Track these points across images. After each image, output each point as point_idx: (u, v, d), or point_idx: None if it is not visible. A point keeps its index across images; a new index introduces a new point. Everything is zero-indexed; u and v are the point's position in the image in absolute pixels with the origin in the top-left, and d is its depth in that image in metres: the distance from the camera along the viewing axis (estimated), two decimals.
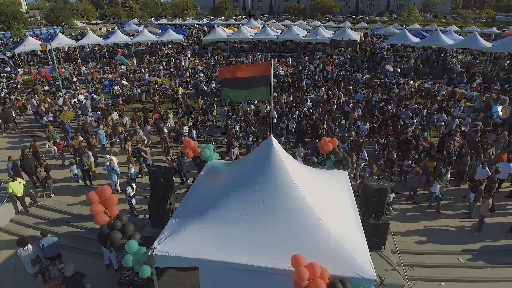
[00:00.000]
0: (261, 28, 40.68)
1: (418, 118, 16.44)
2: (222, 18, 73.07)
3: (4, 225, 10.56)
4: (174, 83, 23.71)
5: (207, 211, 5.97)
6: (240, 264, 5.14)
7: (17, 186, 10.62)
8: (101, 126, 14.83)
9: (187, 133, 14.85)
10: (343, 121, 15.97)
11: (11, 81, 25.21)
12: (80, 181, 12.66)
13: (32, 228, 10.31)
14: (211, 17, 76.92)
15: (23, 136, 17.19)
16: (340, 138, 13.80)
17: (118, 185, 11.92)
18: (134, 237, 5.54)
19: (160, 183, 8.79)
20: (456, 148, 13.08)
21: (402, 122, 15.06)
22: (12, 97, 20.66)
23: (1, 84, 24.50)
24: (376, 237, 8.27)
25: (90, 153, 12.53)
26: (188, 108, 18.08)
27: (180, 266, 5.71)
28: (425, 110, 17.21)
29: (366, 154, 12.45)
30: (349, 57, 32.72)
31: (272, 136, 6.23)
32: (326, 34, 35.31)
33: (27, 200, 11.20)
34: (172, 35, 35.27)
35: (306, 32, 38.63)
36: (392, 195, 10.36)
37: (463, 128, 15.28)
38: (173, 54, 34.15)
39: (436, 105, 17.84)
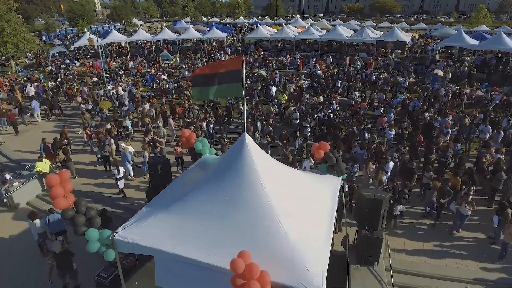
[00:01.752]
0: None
1: (457, 128, 14.89)
2: (275, 17, 73.35)
3: (31, 200, 11.72)
4: None
5: (175, 203, 6.00)
6: (190, 258, 5.08)
7: (43, 166, 11.73)
8: (129, 117, 15.76)
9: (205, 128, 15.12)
10: (369, 126, 15.02)
11: (67, 72, 27.89)
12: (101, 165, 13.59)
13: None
14: (265, 17, 77.42)
15: (67, 122, 18.92)
16: (360, 144, 13.06)
17: (131, 172, 12.56)
18: (94, 221, 5.75)
19: (158, 173, 9.07)
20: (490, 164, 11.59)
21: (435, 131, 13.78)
22: (65, 86, 22.87)
23: (60, 74, 27.27)
24: (368, 252, 7.66)
25: (112, 141, 13.37)
26: (214, 104, 18.41)
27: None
28: (467, 120, 15.48)
29: (391, 165, 11.41)
30: (395, 59, 30.78)
31: (246, 133, 6.05)
32: (372, 34, 33.55)
33: None
34: (216, 33, 36.19)
35: (352, 32, 37.13)
36: (400, 207, 9.50)
37: None
38: (215, 51, 35.05)
39: (482, 115, 15.98)
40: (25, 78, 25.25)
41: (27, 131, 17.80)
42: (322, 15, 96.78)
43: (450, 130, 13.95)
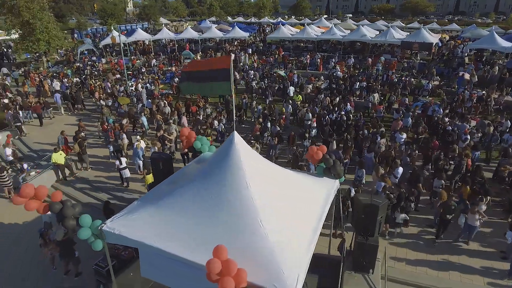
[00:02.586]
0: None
1: (479, 134, 14.15)
2: (301, 17, 72.77)
3: None
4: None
5: (163, 198, 6.11)
6: (170, 253, 5.16)
7: (59, 157, 12.31)
8: (144, 113, 16.22)
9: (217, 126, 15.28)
10: (382, 129, 14.55)
11: (93, 69, 29.09)
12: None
13: (64, 194, 11.83)
14: (292, 17, 76.99)
15: (89, 116, 19.74)
16: (368, 147, 12.71)
17: (141, 167, 12.90)
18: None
19: (159, 168, 9.26)
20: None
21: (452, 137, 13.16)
22: (89, 81, 23.89)
23: (86, 70, 28.51)
24: (363, 258, 7.44)
25: (124, 136, 13.81)
26: (227, 103, 18.54)
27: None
28: (491, 127, 14.64)
29: (401, 170, 11.01)
30: (420, 61, 29.62)
31: (235, 132, 6.05)
32: (397, 35, 32.46)
33: (67, 171, 12.89)
34: (238, 33, 36.40)
35: (377, 33, 36.13)
36: (403, 216, 9.12)
37: None
38: (236, 51, 35.26)
39: (510, 123, 15.05)
40: (54, 74, 26.61)
41: (50, 124, 18.75)
42: (350, 15, 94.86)
43: (468, 137, 13.25)
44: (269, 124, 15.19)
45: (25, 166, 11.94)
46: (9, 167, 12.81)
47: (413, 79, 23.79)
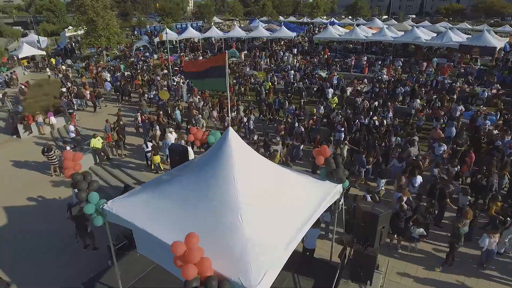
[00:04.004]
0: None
1: None
2: (359, 17, 70.32)
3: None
4: (266, 77, 24.72)
5: (160, 186, 6.52)
6: (154, 236, 5.52)
7: (97, 142, 13.57)
8: (178, 107, 17.12)
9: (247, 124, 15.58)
10: (415, 137, 13.63)
11: (145, 64, 31.26)
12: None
13: (98, 177, 13.03)
14: (348, 17, 74.72)
15: (132, 107, 21.34)
16: (398, 156, 12.04)
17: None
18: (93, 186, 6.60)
19: (175, 159, 9.79)
20: None
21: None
22: (138, 76, 25.80)
23: (138, 65, 30.75)
24: (360, 268, 7.17)
25: (157, 127, 14.73)
26: (260, 101, 18.75)
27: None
28: None
29: (419, 180, 10.35)
30: (480, 67, 26.95)
31: (230, 128, 6.22)
32: (456, 38, 29.85)
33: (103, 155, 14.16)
34: (284, 32, 36.34)
35: (434, 35, 33.58)
36: (420, 231, 8.52)
37: None
38: (279, 50, 35.31)
39: None
40: (111, 67, 29.19)
41: (100, 112, 20.64)
42: (413, 16, 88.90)
43: None
44: (296, 124, 15.11)
45: (68, 148, 13.32)
46: (74, 144, 14.80)
47: (467, 86, 21.82)
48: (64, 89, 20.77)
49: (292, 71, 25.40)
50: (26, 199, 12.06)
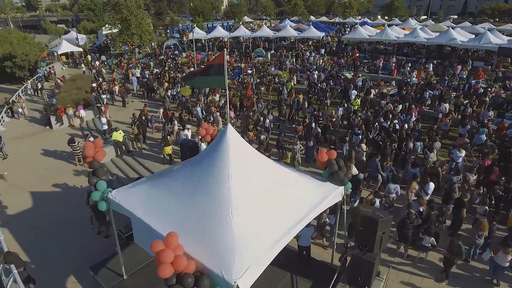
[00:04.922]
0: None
1: None
2: (396, 17, 67.88)
3: (105, 162, 14.35)
4: (290, 77, 24.59)
5: (160, 178, 6.77)
6: (148, 225, 5.75)
7: (118, 135, 14.21)
8: (199, 104, 17.55)
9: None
10: (437, 143, 13.00)
11: (174, 62, 32.19)
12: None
13: (118, 168, 13.66)
14: (385, 17, 72.26)
15: (156, 103, 22.06)
16: (412, 162, 11.56)
17: None
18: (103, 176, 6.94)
19: (186, 154, 10.06)
20: None
21: None
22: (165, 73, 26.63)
23: (167, 63, 31.72)
24: (358, 273, 7.01)
25: (175, 122, 15.18)
26: (280, 101, 18.71)
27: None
28: None
29: (432, 187, 9.91)
30: None
31: (229, 124, 6.30)
32: (496, 40, 27.97)
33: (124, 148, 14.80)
34: (312, 32, 35.87)
35: (472, 36, 31.68)
36: (431, 240, 8.14)
37: None
38: (308, 50, 34.93)
39: None
40: (142, 64, 30.39)
41: (128, 107, 21.57)
42: (455, 16, 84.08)
43: None
44: (313, 125, 14.93)
45: (91, 139, 14.08)
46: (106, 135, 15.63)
47: (503, 91, 20.47)
48: (94, 84, 21.91)
49: (316, 72, 25.06)
50: (52, 185, 12.92)
